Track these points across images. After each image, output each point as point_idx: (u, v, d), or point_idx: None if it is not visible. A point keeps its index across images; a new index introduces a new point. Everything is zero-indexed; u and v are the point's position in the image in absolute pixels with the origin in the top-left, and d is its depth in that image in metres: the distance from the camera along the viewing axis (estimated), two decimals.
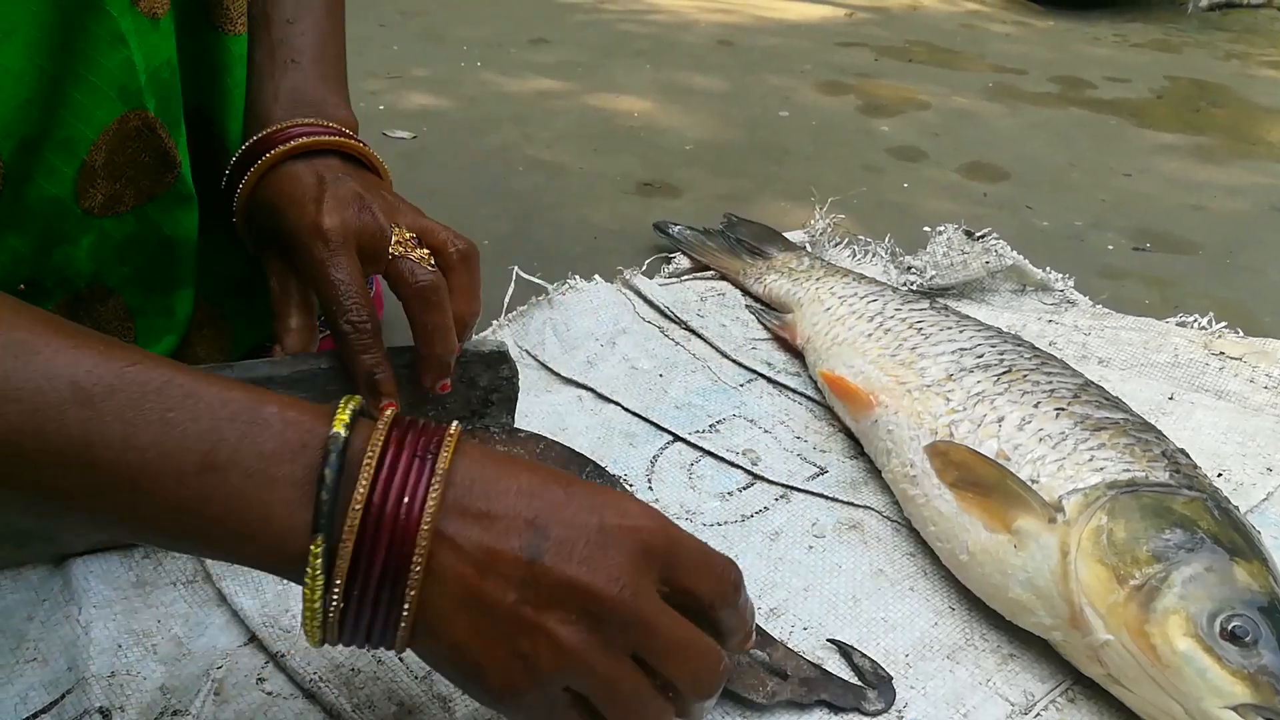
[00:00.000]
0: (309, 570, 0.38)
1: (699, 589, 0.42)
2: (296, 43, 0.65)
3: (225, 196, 0.63)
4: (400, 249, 0.59)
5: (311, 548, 0.37)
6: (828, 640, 0.59)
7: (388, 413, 0.41)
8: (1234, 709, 0.50)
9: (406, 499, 0.38)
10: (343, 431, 0.39)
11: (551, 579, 0.39)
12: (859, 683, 0.57)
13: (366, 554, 0.38)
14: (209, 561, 0.61)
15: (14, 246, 0.57)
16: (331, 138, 0.61)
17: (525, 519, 0.40)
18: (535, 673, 0.39)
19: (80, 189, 0.57)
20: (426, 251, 0.59)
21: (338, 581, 0.38)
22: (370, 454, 0.39)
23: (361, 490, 0.38)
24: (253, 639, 0.57)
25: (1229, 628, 0.52)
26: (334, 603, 0.38)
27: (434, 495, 0.39)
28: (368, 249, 0.58)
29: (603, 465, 0.67)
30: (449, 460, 0.40)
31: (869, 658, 0.58)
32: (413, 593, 0.38)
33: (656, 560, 0.41)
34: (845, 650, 0.59)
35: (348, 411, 0.40)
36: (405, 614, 0.39)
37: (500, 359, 0.65)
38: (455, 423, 0.42)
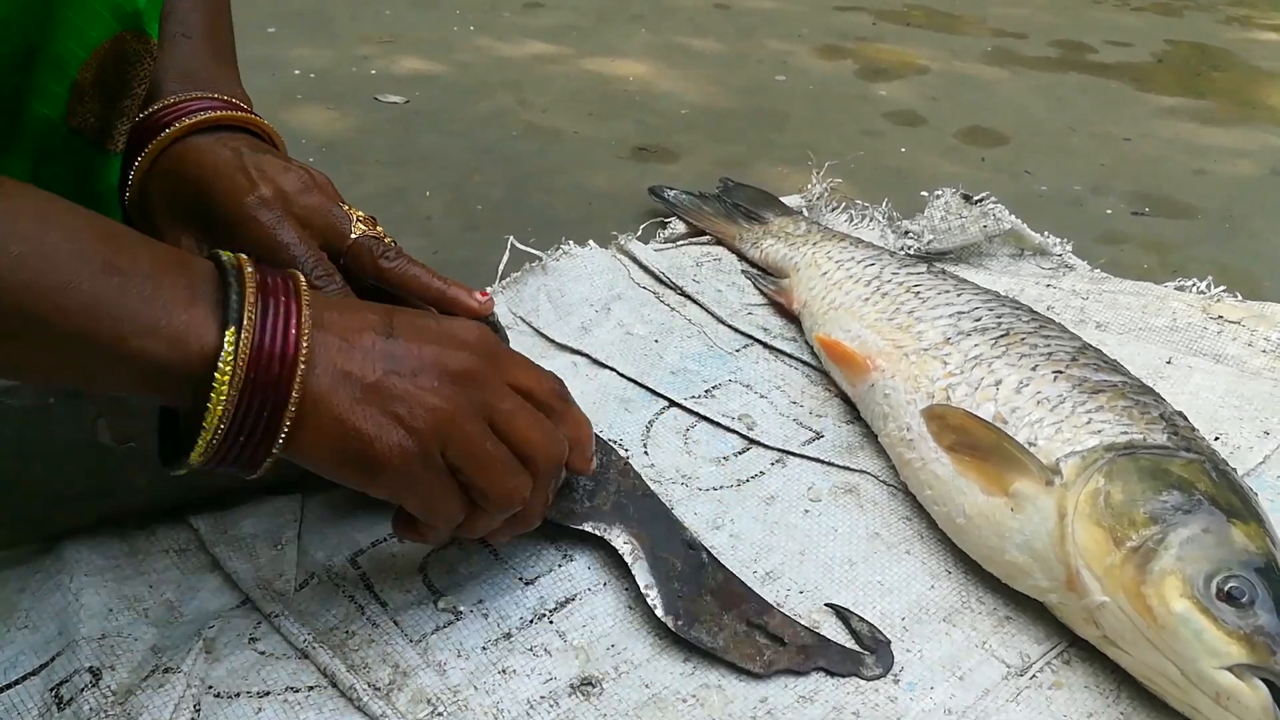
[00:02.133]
0: (222, 361, 0.42)
1: (534, 387, 0.52)
2: (185, 16, 0.64)
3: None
4: (361, 227, 0.58)
5: (226, 337, 0.42)
6: (825, 605, 0.59)
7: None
8: (1230, 669, 0.50)
9: (285, 311, 0.44)
10: (225, 256, 0.45)
11: (409, 354, 0.47)
12: (857, 648, 0.57)
13: (264, 356, 0.43)
14: (202, 530, 0.61)
15: (10, 169, 0.55)
16: (239, 113, 0.60)
17: (378, 315, 0.48)
18: (413, 432, 0.46)
19: (70, 108, 0.55)
20: (383, 230, 0.59)
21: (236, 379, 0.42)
22: (250, 269, 0.45)
23: (251, 290, 0.44)
24: (245, 601, 0.57)
25: (1225, 588, 0.52)
26: (228, 402, 0.43)
27: (306, 299, 0.45)
28: (321, 228, 0.57)
29: (598, 431, 0.67)
30: (306, 283, 0.47)
31: (867, 622, 0.58)
32: (298, 386, 0.44)
33: (496, 352, 0.51)
34: (843, 615, 0.59)
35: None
36: (294, 401, 0.44)
37: (491, 329, 0.65)
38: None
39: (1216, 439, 0.73)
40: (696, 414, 0.75)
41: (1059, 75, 1.70)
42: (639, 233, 1.00)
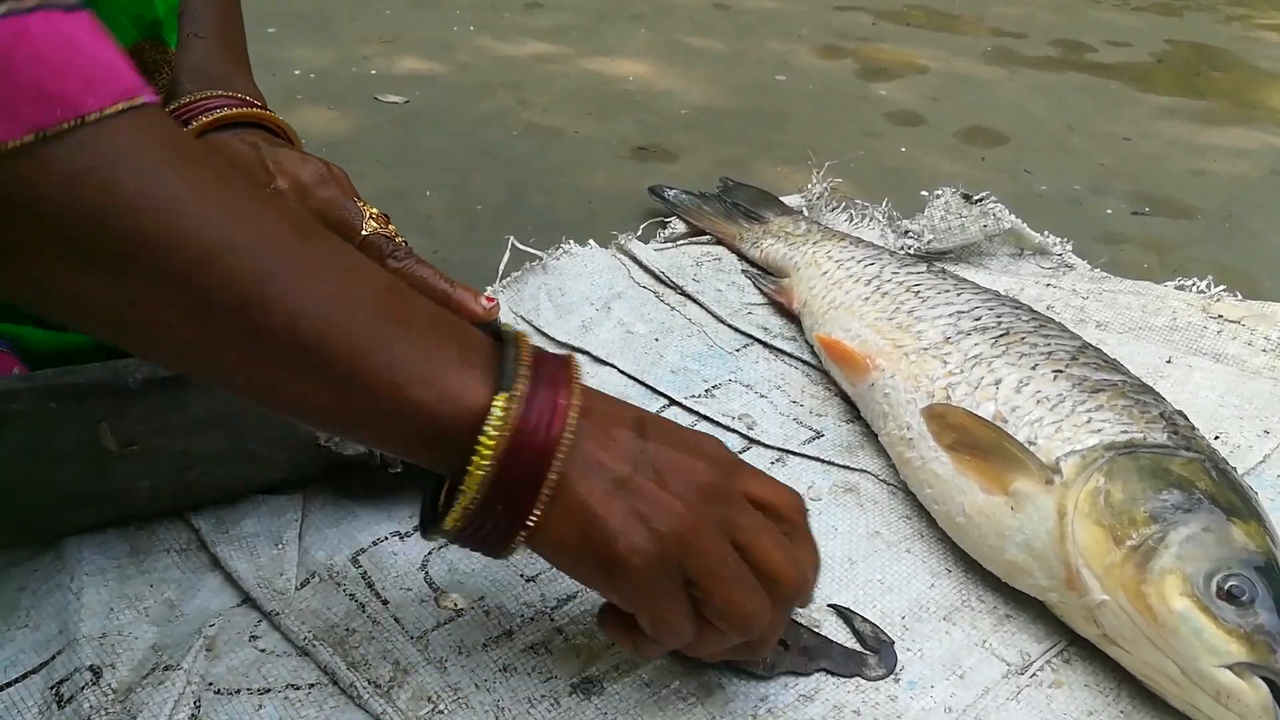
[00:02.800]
0: (489, 424, 0.41)
1: (776, 501, 0.49)
2: (198, 17, 0.64)
3: None
4: (373, 225, 0.58)
5: (496, 401, 0.42)
6: (828, 605, 0.59)
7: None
8: (1230, 668, 0.50)
9: (554, 389, 0.44)
10: (504, 328, 0.46)
11: (659, 456, 0.46)
12: (860, 648, 0.57)
13: (529, 428, 0.42)
14: (203, 529, 0.61)
15: None
16: (254, 110, 0.60)
17: (633, 415, 0.47)
18: (656, 535, 0.44)
19: None
20: (394, 229, 0.59)
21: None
22: (528, 343, 0.45)
23: (525, 363, 0.43)
24: (246, 600, 0.57)
25: (1225, 587, 0.52)
26: (489, 468, 0.42)
27: (577, 386, 0.45)
28: (335, 222, 0.57)
29: None
30: (577, 369, 0.46)
31: (870, 622, 0.58)
32: (558, 465, 0.43)
33: (737, 466, 0.49)
34: (846, 615, 0.59)
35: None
36: (550, 482, 0.43)
37: (490, 329, 0.65)
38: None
39: (1216, 438, 0.73)
40: (697, 413, 0.75)
41: (1059, 75, 1.70)
42: (639, 232, 1.00)
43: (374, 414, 0.42)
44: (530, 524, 0.43)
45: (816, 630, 0.57)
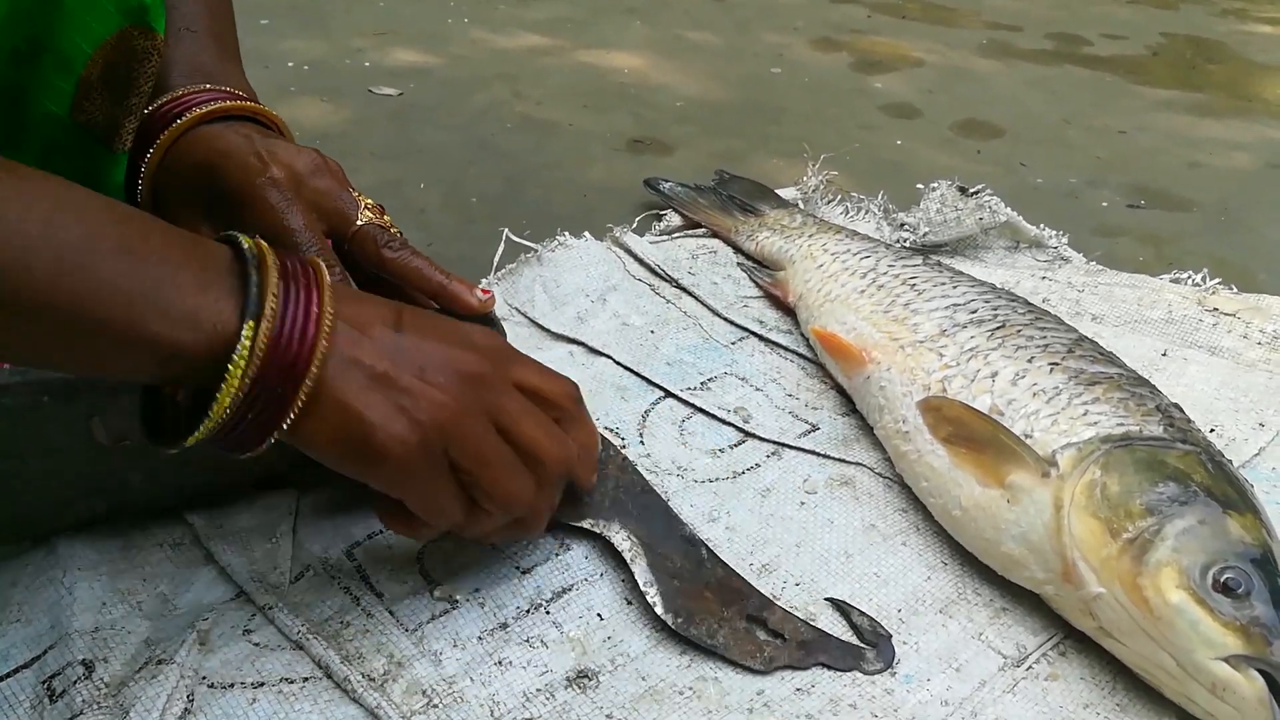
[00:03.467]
0: (235, 356, 0.42)
1: (545, 388, 0.51)
2: (188, 11, 0.64)
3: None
4: (369, 215, 0.58)
5: (245, 329, 0.42)
6: (825, 599, 0.59)
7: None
8: (1226, 660, 0.50)
9: (308, 293, 0.44)
10: (245, 242, 0.45)
11: (417, 349, 0.47)
12: (857, 642, 0.57)
13: (282, 345, 0.43)
14: (197, 524, 0.61)
15: None
16: (246, 103, 0.60)
17: (389, 309, 0.48)
18: (416, 425, 0.46)
19: (76, 104, 0.55)
20: (390, 219, 0.59)
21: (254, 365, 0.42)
22: (272, 257, 0.45)
23: (274, 279, 0.43)
24: (240, 594, 0.57)
25: (1221, 579, 0.52)
26: (239, 389, 0.42)
27: (328, 293, 0.45)
28: (329, 213, 0.57)
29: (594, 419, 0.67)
30: (324, 269, 0.47)
31: (868, 616, 0.58)
32: (313, 372, 0.44)
33: (505, 354, 0.51)
34: (844, 609, 0.58)
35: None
36: (306, 388, 0.44)
37: (485, 321, 0.65)
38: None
39: (1212, 431, 0.73)
40: (692, 405, 0.75)
41: (1054, 68, 1.70)
42: (634, 225, 1.00)
43: (118, 351, 0.42)
44: (282, 430, 0.44)
45: (814, 624, 0.57)
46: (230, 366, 0.42)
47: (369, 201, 0.60)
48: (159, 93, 0.60)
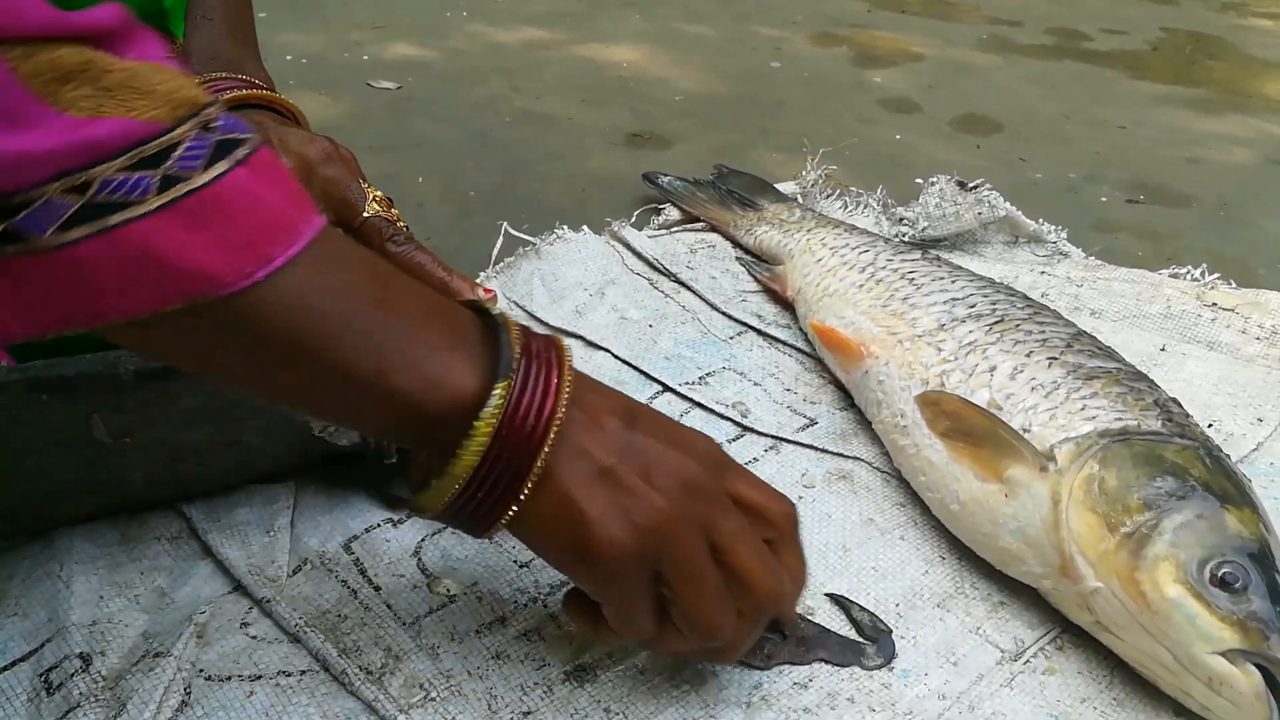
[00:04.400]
0: (485, 411, 0.41)
1: (764, 505, 0.48)
2: (207, 0, 0.64)
3: None
4: (376, 208, 0.58)
5: (496, 390, 0.41)
6: (825, 594, 0.59)
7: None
8: (1223, 654, 0.50)
9: (547, 373, 0.43)
10: (491, 309, 0.45)
11: (647, 449, 0.45)
12: (857, 637, 0.57)
13: (521, 415, 0.42)
14: (195, 517, 0.61)
15: None
16: (263, 92, 0.60)
17: (622, 405, 0.47)
18: (634, 528, 0.43)
19: None
20: (397, 213, 0.59)
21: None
22: (516, 327, 0.44)
23: (518, 347, 0.43)
24: (237, 587, 0.57)
25: (1219, 574, 0.52)
26: (480, 452, 0.41)
27: (569, 371, 0.44)
28: (337, 202, 0.57)
29: None
30: (567, 353, 0.45)
31: (868, 611, 0.58)
32: (545, 453, 0.42)
33: (727, 466, 0.48)
34: (844, 604, 0.58)
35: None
36: (537, 470, 0.42)
37: (474, 308, 0.65)
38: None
39: (1210, 426, 0.73)
40: (690, 400, 0.75)
41: (1054, 63, 1.70)
42: (633, 219, 1.00)
43: (362, 402, 0.42)
44: (515, 508, 0.43)
45: (813, 620, 0.57)
46: (475, 427, 0.41)
47: (378, 194, 0.59)
48: None
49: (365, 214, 0.58)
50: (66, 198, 0.34)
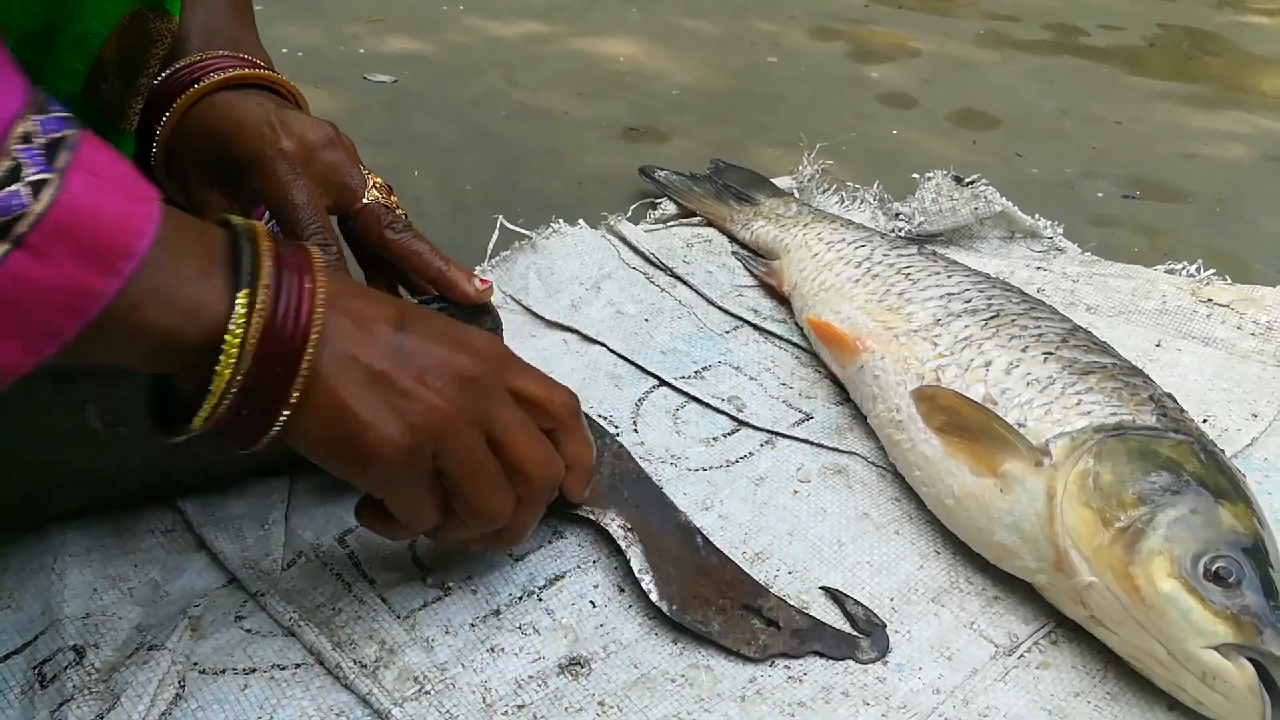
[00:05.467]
0: (230, 329, 0.41)
1: (543, 398, 0.50)
2: None
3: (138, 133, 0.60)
4: (375, 194, 0.57)
5: (238, 301, 0.41)
6: (820, 588, 0.59)
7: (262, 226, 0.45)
8: (1216, 649, 0.50)
9: (300, 278, 0.43)
10: (237, 221, 0.44)
11: (418, 350, 0.46)
12: (852, 631, 0.57)
13: (277, 325, 0.42)
14: (189, 511, 0.60)
15: None
16: (264, 72, 0.60)
17: (393, 309, 0.47)
18: (409, 428, 0.45)
19: (90, 84, 0.54)
20: (396, 200, 0.58)
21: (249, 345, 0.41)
22: (266, 240, 0.43)
23: (267, 260, 0.42)
24: (231, 581, 0.57)
25: (1213, 568, 0.52)
26: (236, 367, 0.41)
27: (321, 275, 0.44)
28: (337, 187, 0.57)
29: (588, 408, 0.67)
30: (320, 258, 0.45)
31: (862, 605, 0.58)
32: (309, 356, 0.42)
33: (505, 361, 0.50)
34: (838, 598, 0.58)
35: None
36: (300, 381, 0.43)
37: (482, 310, 0.64)
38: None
39: (1205, 421, 0.73)
40: (686, 394, 0.75)
41: (1051, 58, 1.70)
42: (629, 213, 1.00)
43: (115, 338, 0.40)
44: (282, 420, 0.43)
45: (808, 613, 0.57)
46: (224, 343, 0.41)
47: (378, 181, 0.59)
48: (175, 58, 0.59)
49: (365, 200, 0.58)
50: None
